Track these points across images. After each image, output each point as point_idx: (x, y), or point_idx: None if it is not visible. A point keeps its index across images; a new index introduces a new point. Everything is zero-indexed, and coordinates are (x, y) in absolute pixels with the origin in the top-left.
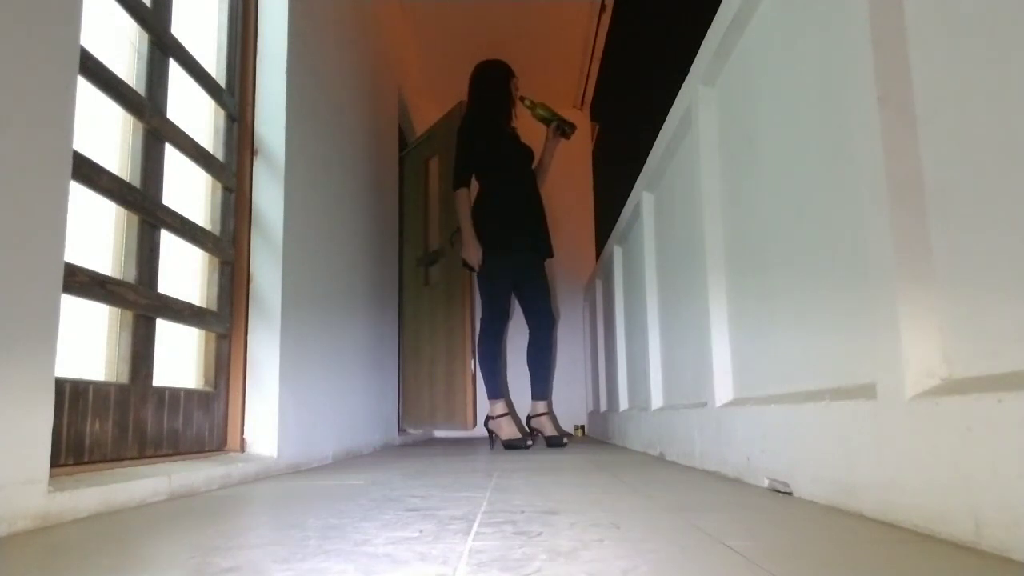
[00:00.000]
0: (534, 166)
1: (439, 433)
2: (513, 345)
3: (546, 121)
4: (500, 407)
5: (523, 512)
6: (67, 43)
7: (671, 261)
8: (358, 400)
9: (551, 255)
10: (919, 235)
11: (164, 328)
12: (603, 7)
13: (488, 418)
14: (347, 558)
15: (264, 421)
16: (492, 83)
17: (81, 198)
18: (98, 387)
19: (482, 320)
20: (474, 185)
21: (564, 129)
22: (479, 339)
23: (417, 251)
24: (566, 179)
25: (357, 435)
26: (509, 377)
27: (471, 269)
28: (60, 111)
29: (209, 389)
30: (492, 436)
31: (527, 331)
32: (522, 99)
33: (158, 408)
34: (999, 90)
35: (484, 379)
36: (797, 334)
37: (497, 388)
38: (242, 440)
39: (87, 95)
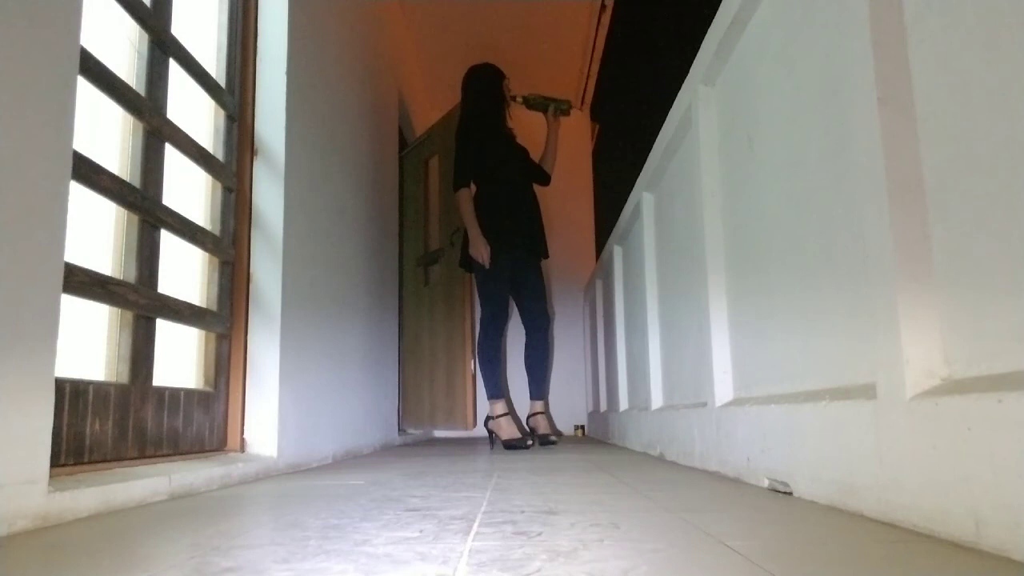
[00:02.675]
0: (540, 158)
1: (439, 433)
2: (512, 345)
3: (541, 108)
4: (500, 407)
5: (523, 512)
6: (67, 43)
7: (671, 261)
8: (358, 400)
9: (546, 256)
10: (919, 235)
11: (164, 328)
12: (603, 7)
13: (488, 418)
14: (347, 558)
15: (264, 421)
16: (483, 85)
17: (81, 198)
18: (98, 387)
19: (481, 320)
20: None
21: (561, 108)
22: (479, 339)
23: (417, 251)
24: (566, 179)
25: (357, 435)
26: (508, 377)
27: (469, 270)
28: (60, 111)
29: (209, 389)
30: (492, 436)
31: (523, 331)
32: (513, 98)
33: (158, 408)
34: (999, 90)
35: (484, 379)
36: (797, 334)
37: (497, 388)
38: (242, 440)
39: (87, 95)
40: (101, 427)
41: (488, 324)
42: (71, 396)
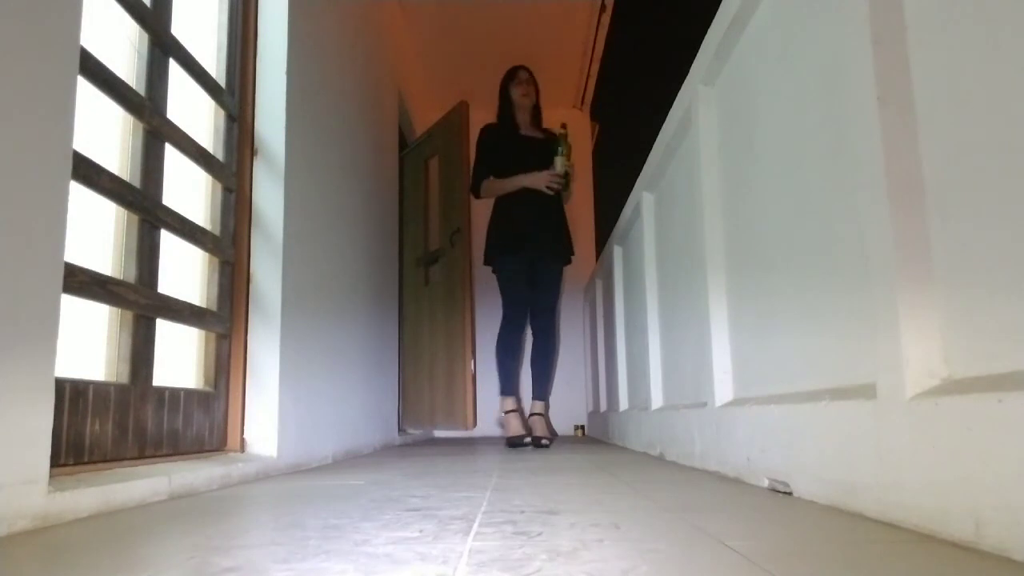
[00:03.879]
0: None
1: (439, 433)
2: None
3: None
4: (509, 403)
5: (523, 512)
6: (67, 43)
7: (671, 261)
8: (358, 400)
9: (572, 253)
10: (919, 235)
11: (164, 328)
12: (603, 7)
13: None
14: (347, 558)
15: (264, 421)
16: (501, 87)
17: (81, 198)
18: (98, 387)
19: (503, 318)
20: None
21: (556, 182)
22: (499, 334)
23: (417, 251)
24: None
25: (357, 435)
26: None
27: (492, 269)
28: (60, 111)
29: (209, 389)
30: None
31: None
32: (563, 125)
33: (158, 408)
34: (999, 90)
35: (498, 373)
36: (797, 334)
37: (508, 384)
38: (242, 440)
39: (87, 95)
40: (101, 427)
41: (507, 322)
42: (71, 396)
